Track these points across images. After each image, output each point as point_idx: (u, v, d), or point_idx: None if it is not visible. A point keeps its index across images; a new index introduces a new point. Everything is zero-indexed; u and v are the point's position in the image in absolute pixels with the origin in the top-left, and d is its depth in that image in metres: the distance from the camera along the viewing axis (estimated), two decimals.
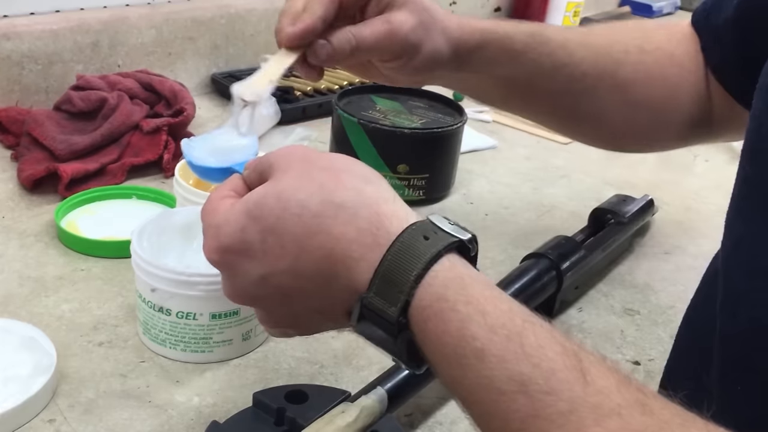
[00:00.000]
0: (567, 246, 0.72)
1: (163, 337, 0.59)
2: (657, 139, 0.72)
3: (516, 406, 0.33)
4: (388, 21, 0.57)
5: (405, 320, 0.38)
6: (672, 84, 0.66)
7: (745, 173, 0.44)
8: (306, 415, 0.49)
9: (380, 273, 0.38)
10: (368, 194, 0.40)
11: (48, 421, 0.53)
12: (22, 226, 0.75)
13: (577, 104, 0.67)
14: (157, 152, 0.87)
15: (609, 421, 0.31)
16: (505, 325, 0.35)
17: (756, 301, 0.41)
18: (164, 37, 1.07)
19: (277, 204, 0.40)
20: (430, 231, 0.39)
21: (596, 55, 0.65)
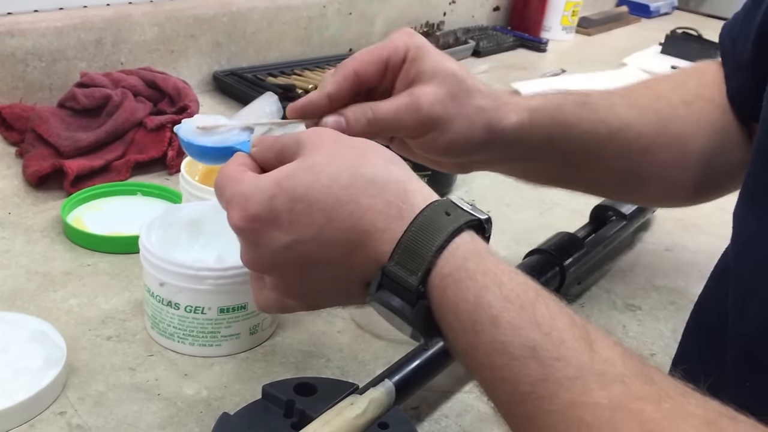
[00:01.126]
0: (569, 242, 0.73)
1: (171, 331, 0.60)
2: (711, 188, 0.69)
3: (527, 371, 0.35)
4: (411, 93, 0.53)
5: (424, 289, 0.40)
6: (719, 129, 0.64)
7: (757, 174, 0.45)
8: (315, 407, 0.50)
9: (403, 243, 0.40)
10: (395, 172, 0.42)
11: (59, 413, 0.53)
12: (28, 222, 0.76)
13: (638, 167, 0.64)
14: (161, 149, 0.88)
15: (613, 387, 0.33)
16: (519, 296, 0.37)
17: (764, 300, 0.42)
18: (167, 35, 1.07)
19: (308, 176, 0.41)
20: (451, 208, 0.41)
21: (645, 114, 0.63)
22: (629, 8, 2.08)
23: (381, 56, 0.53)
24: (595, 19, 1.88)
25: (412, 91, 0.53)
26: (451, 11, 1.59)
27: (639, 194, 0.70)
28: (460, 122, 0.54)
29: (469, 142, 0.56)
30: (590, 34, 1.83)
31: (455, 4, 1.59)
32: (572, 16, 1.72)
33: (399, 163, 0.44)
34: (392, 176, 0.42)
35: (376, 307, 0.42)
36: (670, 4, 2.21)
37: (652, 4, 2.11)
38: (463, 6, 1.61)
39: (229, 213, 0.43)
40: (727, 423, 0.32)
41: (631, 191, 0.69)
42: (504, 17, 1.75)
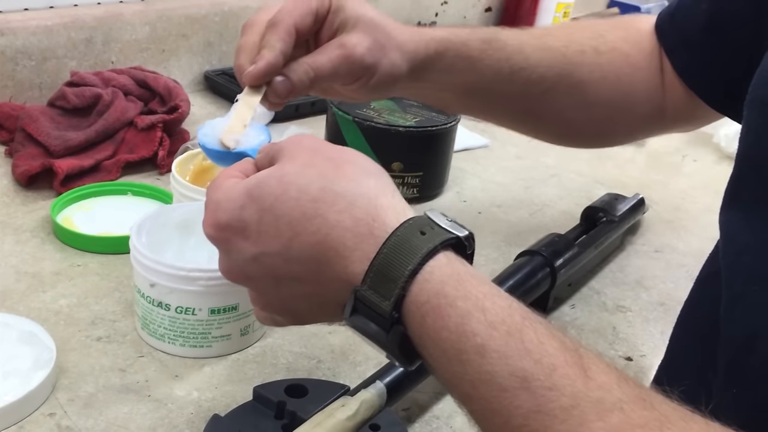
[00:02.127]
0: (560, 243, 0.73)
1: (161, 332, 0.59)
2: (610, 136, 0.74)
3: (518, 402, 0.33)
4: (342, 45, 0.56)
5: (398, 315, 0.38)
6: (626, 83, 0.68)
7: (749, 185, 0.45)
8: (306, 408, 0.50)
9: (375, 266, 0.38)
10: (368, 186, 0.40)
11: (48, 414, 0.53)
12: (17, 222, 0.75)
13: (536, 106, 0.68)
14: (151, 149, 0.88)
15: (611, 416, 0.32)
16: (504, 321, 0.35)
17: (751, 305, 0.42)
18: (158, 34, 1.07)
19: (277, 186, 0.40)
20: (426, 226, 0.39)
21: (552, 57, 0.66)
22: (620, 9, 2.09)
23: (311, 8, 0.55)
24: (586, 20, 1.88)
25: (341, 42, 0.56)
26: (443, 12, 1.59)
27: (538, 131, 0.74)
28: (386, 64, 0.58)
29: (393, 79, 0.59)
30: None
31: (447, 5, 1.59)
32: (563, 17, 1.73)
33: (377, 175, 0.42)
34: (364, 191, 0.39)
35: (353, 331, 0.41)
36: (661, 5, 2.22)
37: (643, 6, 2.12)
38: (455, 7, 1.61)
39: (203, 219, 0.43)
40: None
41: (531, 128, 0.74)
42: (496, 18, 1.75)
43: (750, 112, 0.45)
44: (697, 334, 0.52)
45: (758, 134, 0.44)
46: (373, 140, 0.85)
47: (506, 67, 0.64)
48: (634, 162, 1.07)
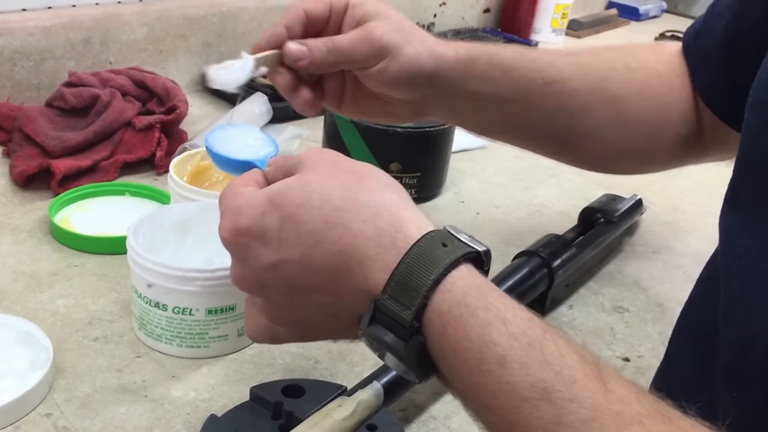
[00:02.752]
0: (558, 244, 0.73)
1: (158, 332, 0.59)
2: (650, 159, 0.72)
3: (539, 413, 0.33)
4: (364, 27, 0.57)
5: (418, 324, 0.37)
6: (661, 102, 0.66)
7: (748, 187, 0.45)
8: (303, 408, 0.50)
9: (396, 276, 0.38)
10: (390, 199, 0.40)
11: (45, 415, 0.53)
12: (15, 222, 0.75)
13: (572, 122, 0.66)
14: (149, 149, 0.88)
15: (630, 429, 0.32)
16: (525, 332, 0.35)
17: (749, 308, 0.42)
18: (156, 35, 1.07)
19: (299, 194, 0.40)
20: (448, 239, 0.39)
21: (585, 71, 0.65)
22: (619, 11, 2.09)
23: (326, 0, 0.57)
24: (584, 21, 1.88)
25: (363, 26, 0.57)
26: (442, 13, 1.59)
27: (576, 153, 0.71)
28: (409, 49, 0.58)
29: (419, 70, 0.59)
30: (580, 36, 1.83)
31: (445, 6, 1.59)
32: (562, 18, 1.73)
33: (396, 188, 0.42)
34: (387, 203, 0.40)
35: (368, 342, 0.40)
36: (660, 7, 2.22)
37: (641, 7, 2.12)
38: (454, 8, 1.62)
39: (221, 224, 0.42)
40: None
41: (570, 149, 0.70)
42: (494, 19, 1.75)
43: (750, 115, 0.45)
44: (696, 337, 0.52)
45: (757, 136, 0.44)
46: (371, 141, 0.85)
47: (539, 78, 0.63)
48: None
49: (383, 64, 0.58)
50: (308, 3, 0.57)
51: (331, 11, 0.58)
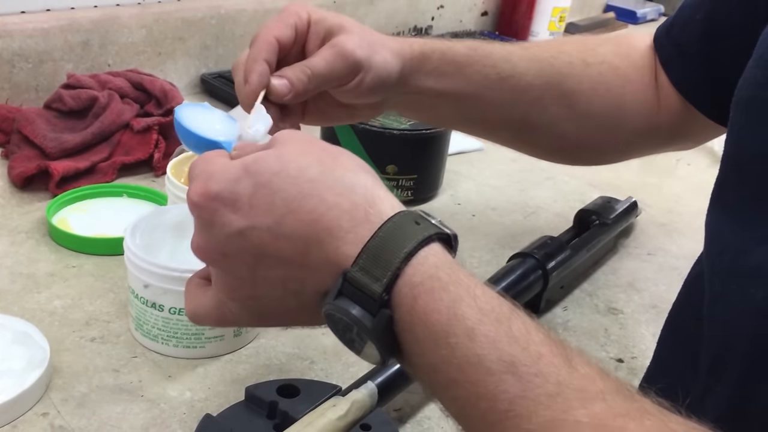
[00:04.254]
0: (553, 246, 0.74)
1: (155, 332, 0.60)
2: (606, 150, 0.73)
3: (504, 386, 0.34)
4: (333, 45, 0.57)
5: (387, 297, 0.37)
6: (616, 95, 0.67)
7: (730, 184, 0.46)
8: (298, 408, 0.50)
9: (369, 248, 0.37)
10: (365, 178, 0.40)
11: (42, 414, 0.53)
12: (13, 223, 0.76)
13: (527, 115, 0.67)
14: (147, 151, 0.88)
15: (594, 405, 0.32)
16: (494, 309, 0.36)
17: (731, 304, 0.43)
18: (154, 37, 1.07)
19: (276, 162, 0.39)
20: (420, 218, 0.39)
21: (540, 66, 0.66)
22: (616, 14, 2.10)
23: (289, 22, 0.56)
24: (582, 24, 1.89)
25: (332, 43, 0.57)
26: (440, 16, 1.59)
27: (533, 144, 0.73)
28: (378, 58, 0.58)
29: (388, 76, 0.60)
30: None
31: (443, 9, 1.60)
32: (559, 21, 1.73)
33: (369, 171, 0.42)
34: (362, 181, 0.40)
35: (331, 319, 0.39)
36: (657, 10, 2.23)
37: (638, 11, 2.13)
38: (451, 11, 1.62)
39: (190, 188, 0.41)
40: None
41: (526, 141, 0.72)
42: (492, 22, 1.75)
43: (734, 113, 0.46)
44: (682, 335, 0.52)
45: (740, 135, 0.45)
46: (367, 143, 0.86)
47: (493, 73, 0.65)
48: (628, 165, 1.07)
49: (359, 78, 0.58)
50: (276, 30, 0.56)
51: (296, 32, 0.57)
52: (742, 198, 0.44)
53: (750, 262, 0.42)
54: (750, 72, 0.45)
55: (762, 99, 0.43)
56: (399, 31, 1.48)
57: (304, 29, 0.58)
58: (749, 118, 0.44)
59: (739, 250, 0.43)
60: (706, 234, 0.47)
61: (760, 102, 0.43)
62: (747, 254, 0.42)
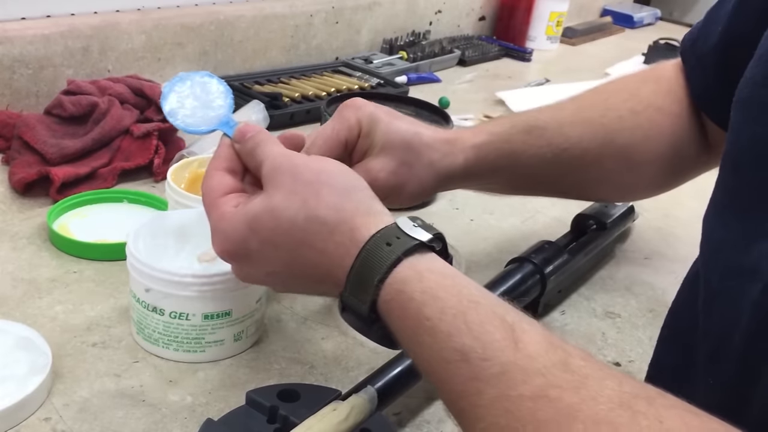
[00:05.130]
0: (550, 251, 0.74)
1: (156, 336, 0.60)
2: (665, 185, 0.75)
3: (459, 372, 0.39)
4: (366, 171, 0.59)
5: (375, 315, 0.45)
6: (668, 135, 0.68)
7: (726, 183, 0.47)
8: (298, 412, 0.51)
9: (351, 277, 0.46)
10: (345, 210, 0.47)
11: (44, 419, 0.54)
12: (14, 229, 0.76)
13: (585, 178, 0.70)
14: (147, 156, 0.88)
15: (534, 380, 0.37)
16: (453, 306, 0.41)
17: (729, 300, 0.44)
18: (154, 43, 1.08)
19: (270, 220, 0.47)
20: (393, 237, 0.45)
21: (592, 130, 0.68)
22: (613, 18, 2.11)
23: (340, 139, 0.60)
24: (579, 29, 1.90)
25: (366, 168, 0.60)
26: (437, 20, 1.60)
27: (591, 197, 0.78)
28: (413, 184, 0.62)
29: (423, 193, 0.64)
30: (574, 44, 1.85)
31: (441, 14, 1.60)
32: (557, 26, 1.75)
33: (355, 191, 0.48)
34: (342, 216, 0.46)
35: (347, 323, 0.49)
36: (654, 14, 2.24)
37: (635, 15, 2.14)
38: (449, 15, 1.63)
39: (213, 242, 0.51)
40: (641, 403, 0.35)
41: (582, 197, 0.77)
42: (489, 27, 1.76)
43: (734, 114, 0.47)
44: (678, 333, 0.53)
45: (738, 134, 0.46)
46: None
47: (548, 152, 0.66)
48: None
49: (390, 199, 0.60)
50: (326, 150, 0.59)
51: (345, 147, 0.60)
52: (739, 196, 0.45)
53: (747, 260, 0.43)
54: (750, 72, 0.46)
55: (760, 97, 0.44)
56: (397, 36, 1.49)
57: (353, 142, 0.61)
58: (746, 116, 0.45)
59: (736, 247, 0.44)
60: (704, 234, 0.48)
61: (758, 101, 0.44)
62: (744, 252, 0.43)
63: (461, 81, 1.46)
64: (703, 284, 0.47)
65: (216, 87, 0.58)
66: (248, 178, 0.54)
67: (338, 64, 1.35)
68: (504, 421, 0.37)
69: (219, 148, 0.54)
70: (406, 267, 0.44)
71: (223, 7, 1.17)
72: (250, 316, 0.62)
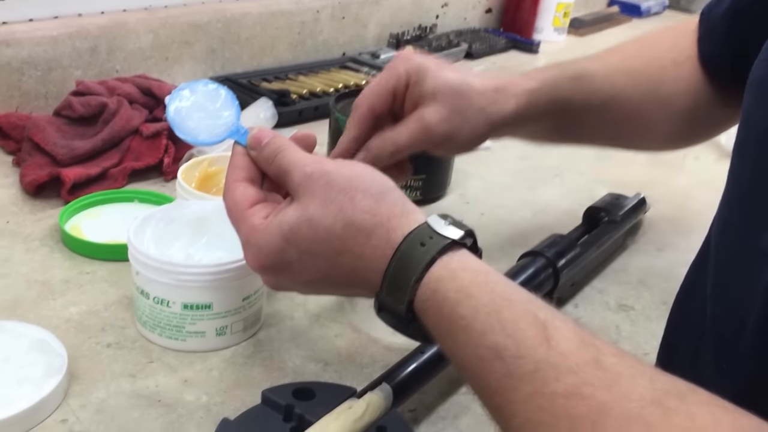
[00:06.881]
0: (562, 244, 0.74)
1: (144, 319, 0.62)
2: (702, 136, 0.77)
3: (494, 369, 0.40)
4: (420, 119, 0.61)
5: (411, 314, 0.46)
6: (705, 87, 0.70)
7: (738, 166, 0.47)
8: (314, 411, 0.51)
9: (387, 278, 0.46)
10: (381, 213, 0.47)
11: (61, 421, 0.54)
12: (26, 231, 0.76)
13: (628, 126, 0.72)
14: (157, 156, 0.89)
15: (567, 377, 0.38)
16: (486, 304, 0.42)
17: (738, 281, 0.44)
18: (161, 42, 1.08)
19: (309, 231, 0.47)
20: (426, 237, 0.46)
21: (636, 79, 0.69)
22: (620, 8, 2.10)
23: (388, 88, 0.61)
24: (586, 19, 1.89)
25: (420, 116, 0.61)
26: (444, 14, 1.60)
27: (631, 146, 0.80)
28: (465, 130, 0.62)
29: (476, 140, 0.64)
30: (582, 34, 1.84)
31: (447, 7, 1.60)
32: (564, 17, 1.74)
33: (387, 193, 0.48)
34: (378, 220, 0.47)
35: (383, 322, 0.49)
36: (661, 3, 2.22)
37: (643, 4, 2.12)
38: (455, 8, 1.62)
39: (246, 256, 0.50)
40: (672, 400, 0.35)
41: (621, 146, 0.79)
42: (496, 19, 1.76)
43: (747, 95, 0.47)
44: (690, 317, 0.54)
45: (749, 116, 0.46)
46: None
47: (596, 99, 0.68)
48: (636, 161, 1.08)
49: (443, 147, 0.63)
50: (374, 98, 0.61)
51: (394, 96, 0.62)
52: (751, 179, 0.45)
53: (759, 243, 0.43)
54: (765, 53, 0.45)
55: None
56: (403, 30, 1.48)
57: (402, 91, 0.62)
58: (759, 98, 0.45)
59: (747, 230, 0.44)
60: (716, 214, 0.49)
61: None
62: (756, 235, 0.43)
63: None
64: (714, 268, 0.47)
65: (219, 94, 0.57)
66: (266, 184, 0.54)
67: (345, 60, 1.34)
68: (538, 417, 0.38)
69: (233, 157, 0.53)
70: (440, 266, 0.44)
71: (230, 5, 1.17)
72: (235, 312, 0.62)
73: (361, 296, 0.51)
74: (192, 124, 0.56)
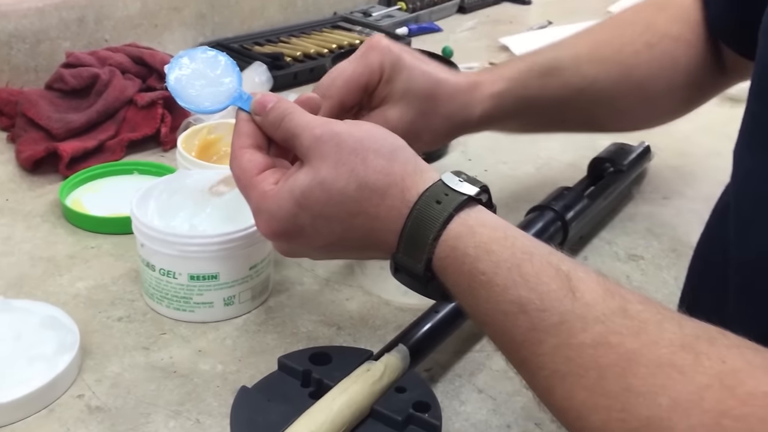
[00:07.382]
0: (570, 197, 0.73)
1: (151, 291, 0.61)
2: (679, 112, 0.76)
3: (518, 323, 0.40)
4: (384, 120, 0.59)
5: (430, 273, 0.45)
6: (683, 64, 0.69)
7: (753, 111, 0.46)
8: (331, 375, 0.50)
9: (404, 238, 0.46)
10: (394, 173, 0.46)
11: (77, 396, 0.54)
12: (26, 208, 0.75)
13: (600, 114, 0.71)
14: (154, 126, 0.87)
15: (594, 327, 0.37)
16: (507, 259, 0.42)
17: (762, 229, 0.44)
18: (150, 9, 1.06)
19: (322, 194, 0.46)
20: (441, 194, 0.45)
21: (608, 67, 0.69)
22: None
23: (361, 83, 0.59)
24: None
25: (384, 117, 0.60)
26: None
27: (605, 130, 0.81)
28: (428, 134, 0.62)
29: (436, 143, 0.66)
30: None
31: None
32: None
33: (399, 151, 0.48)
34: (392, 180, 0.46)
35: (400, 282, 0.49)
36: None
37: None
38: None
39: (258, 224, 0.50)
40: (703, 345, 0.35)
41: (596, 130, 0.81)
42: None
43: (761, 41, 0.45)
44: (711, 264, 0.53)
45: (764, 62, 0.44)
46: None
47: (565, 93, 0.68)
48: None
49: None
50: (345, 92, 0.58)
51: (365, 91, 0.60)
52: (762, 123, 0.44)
53: None
54: None
55: None
56: None
57: (373, 86, 0.60)
58: None
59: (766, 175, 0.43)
60: (734, 164, 0.48)
61: None
62: None
63: (462, 29, 1.43)
64: (736, 213, 0.47)
65: (219, 60, 0.56)
66: (273, 150, 0.53)
67: (337, 19, 1.32)
68: (566, 368, 0.38)
69: (238, 124, 0.52)
70: (458, 223, 0.44)
71: None
72: (242, 281, 0.61)
73: (377, 258, 0.50)
74: (194, 92, 0.54)
